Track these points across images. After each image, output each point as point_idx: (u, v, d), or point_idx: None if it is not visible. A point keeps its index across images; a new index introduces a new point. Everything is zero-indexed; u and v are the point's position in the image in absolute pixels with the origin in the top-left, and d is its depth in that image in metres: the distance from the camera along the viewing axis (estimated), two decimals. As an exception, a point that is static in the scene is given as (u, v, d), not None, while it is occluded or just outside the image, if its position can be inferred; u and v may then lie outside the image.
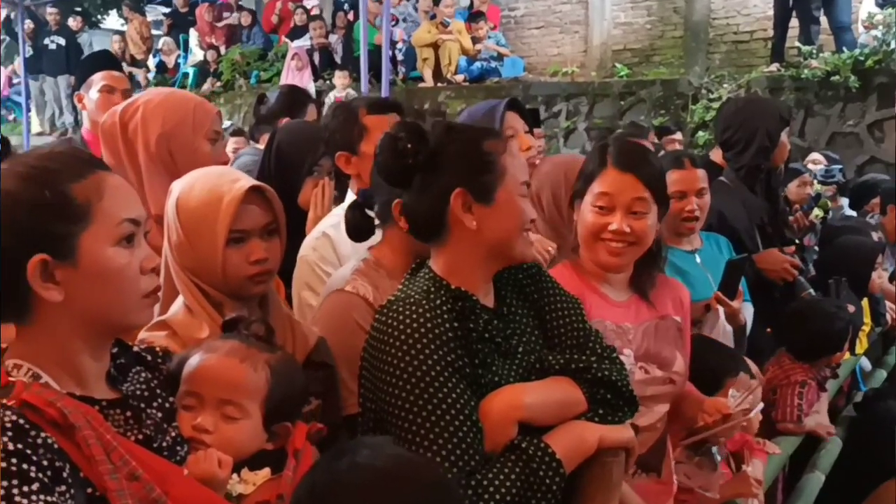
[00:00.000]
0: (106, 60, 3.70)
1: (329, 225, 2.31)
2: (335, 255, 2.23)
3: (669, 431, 2.17)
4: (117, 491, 1.12)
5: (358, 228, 1.96)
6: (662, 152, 4.05)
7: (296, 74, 10.47)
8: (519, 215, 1.63)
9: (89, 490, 1.13)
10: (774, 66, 8.61)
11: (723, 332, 2.85)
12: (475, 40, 10.23)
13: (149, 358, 1.39)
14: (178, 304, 1.67)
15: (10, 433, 1.08)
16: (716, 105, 7.81)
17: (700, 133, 8.23)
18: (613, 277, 2.10)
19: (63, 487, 1.09)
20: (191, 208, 1.65)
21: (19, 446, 1.08)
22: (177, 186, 1.73)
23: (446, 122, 1.70)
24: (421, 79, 10.59)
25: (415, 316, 1.54)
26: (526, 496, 1.51)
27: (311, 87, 10.16)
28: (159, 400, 1.34)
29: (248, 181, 1.68)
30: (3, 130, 12.62)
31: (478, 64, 10.07)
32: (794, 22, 8.65)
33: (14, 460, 1.06)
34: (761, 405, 2.16)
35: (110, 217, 1.20)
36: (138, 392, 1.31)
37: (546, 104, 9.20)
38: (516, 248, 1.64)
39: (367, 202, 1.96)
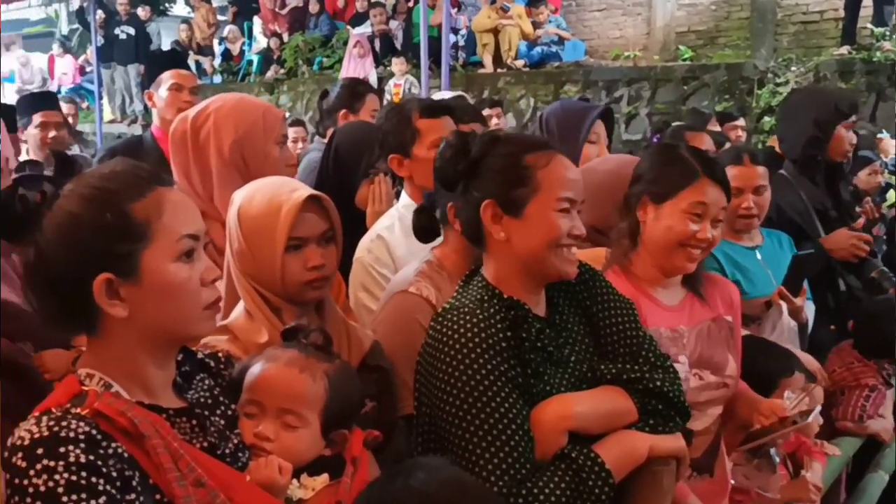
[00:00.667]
0: (174, 59, 3.85)
1: (384, 227, 2.37)
2: (390, 256, 2.28)
3: (723, 432, 2.18)
4: (184, 498, 1.18)
5: (424, 230, 2.00)
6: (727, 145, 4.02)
7: (357, 62, 10.54)
8: (550, 230, 1.63)
9: (157, 496, 1.19)
10: (845, 49, 8.36)
11: (787, 328, 2.82)
12: (535, 25, 10.16)
13: (212, 364, 1.45)
14: (239, 309, 1.75)
15: (82, 444, 1.14)
16: (782, 90, 7.64)
17: (766, 118, 8.04)
18: (668, 280, 2.11)
19: (132, 496, 1.16)
20: (251, 217, 1.72)
21: (91, 458, 1.14)
22: (238, 196, 1.80)
23: (493, 134, 1.74)
24: (480, 64, 10.58)
25: (469, 325, 1.58)
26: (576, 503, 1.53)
27: (373, 75, 10.24)
28: (222, 408, 1.40)
29: (306, 191, 1.75)
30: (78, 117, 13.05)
31: (538, 49, 10.01)
32: (866, 2, 8.38)
33: (84, 473, 1.13)
34: (819, 408, 2.14)
35: (170, 234, 1.25)
36: (202, 400, 1.38)
37: (607, 89, 9.12)
38: (549, 263, 1.65)
39: (432, 205, 2.01)
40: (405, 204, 2.44)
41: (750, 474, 2.22)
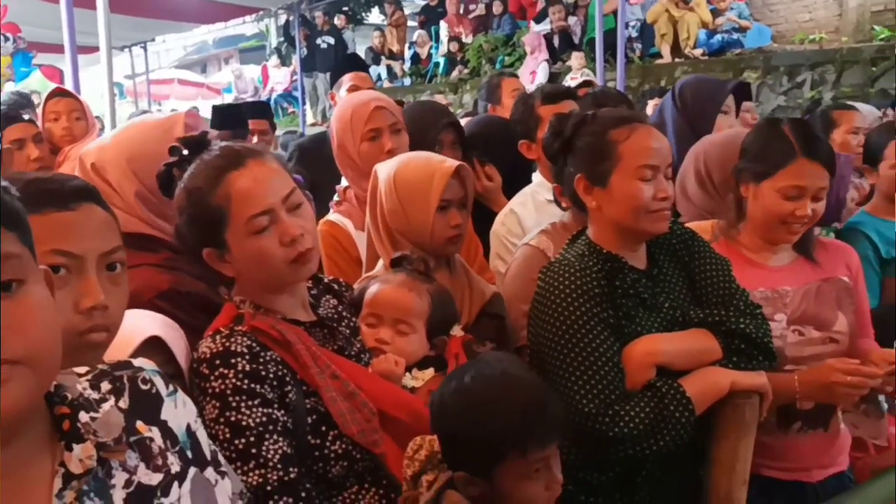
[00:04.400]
0: (354, 62, 4.29)
1: (518, 203, 2.68)
2: (521, 228, 2.59)
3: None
4: (325, 387, 1.51)
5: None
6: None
7: (530, 59, 10.95)
8: (634, 198, 1.84)
9: (305, 388, 1.51)
10: None
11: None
12: (716, 13, 9.98)
13: (335, 287, 1.82)
14: (381, 265, 2.12)
15: (247, 356, 1.46)
16: (985, 66, 7.07)
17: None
18: (777, 246, 2.21)
19: (289, 388, 1.48)
20: (408, 180, 2.07)
21: (254, 366, 1.45)
22: (388, 165, 2.15)
23: (584, 115, 1.96)
24: (660, 55, 10.54)
25: (569, 275, 1.85)
26: (658, 427, 1.75)
27: (542, 70, 10.48)
28: (346, 321, 1.74)
29: (454, 162, 2.10)
30: (283, 122, 14.26)
31: (718, 37, 9.83)
32: None
33: (247, 380, 1.44)
34: None
35: (241, 215, 1.50)
36: (330, 315, 1.71)
37: (788, 74, 8.80)
38: (640, 226, 1.86)
39: None
40: (537, 182, 2.74)
41: (858, 422, 2.25)
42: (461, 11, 13.53)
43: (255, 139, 4.44)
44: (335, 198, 2.65)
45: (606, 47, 7.62)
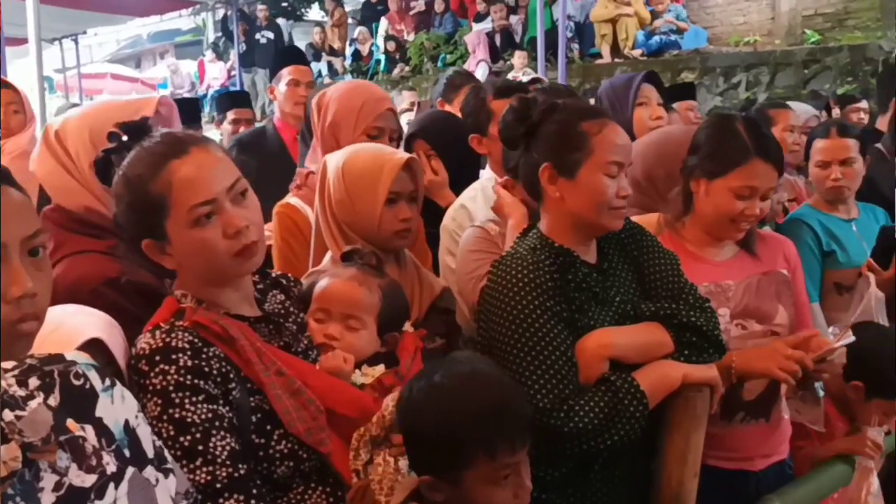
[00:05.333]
0: (294, 55, 4.18)
1: (468, 198, 2.63)
2: (471, 223, 2.54)
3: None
4: (270, 384, 1.46)
5: None
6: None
7: (471, 58, 11.00)
8: (599, 192, 1.82)
9: (249, 385, 1.47)
10: (984, 25, 7.93)
11: (874, 298, 2.89)
12: (655, 15, 10.14)
13: (283, 282, 1.77)
14: (328, 258, 2.07)
15: (189, 352, 1.42)
16: (910, 69, 7.33)
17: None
18: (718, 241, 2.24)
19: (233, 385, 1.44)
20: (357, 171, 2.03)
21: (195, 362, 1.41)
22: (336, 155, 2.11)
23: (552, 102, 1.92)
24: (599, 55, 10.66)
25: (521, 268, 1.83)
26: (612, 421, 1.75)
27: (481, 69, 10.54)
28: (293, 316, 1.69)
29: (404, 154, 2.08)
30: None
31: (657, 38, 9.99)
32: None
33: (189, 376, 1.40)
34: (853, 337, 2.12)
35: (182, 204, 1.45)
36: (277, 310, 1.66)
37: (724, 75, 9.00)
38: (600, 221, 1.86)
39: None
40: (488, 177, 2.70)
41: (800, 407, 2.28)
42: (402, 8, 13.47)
43: (241, 129, 4.35)
44: (294, 180, 2.60)
45: (547, 47, 7.68)
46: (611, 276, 1.94)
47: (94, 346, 1.36)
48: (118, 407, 1.00)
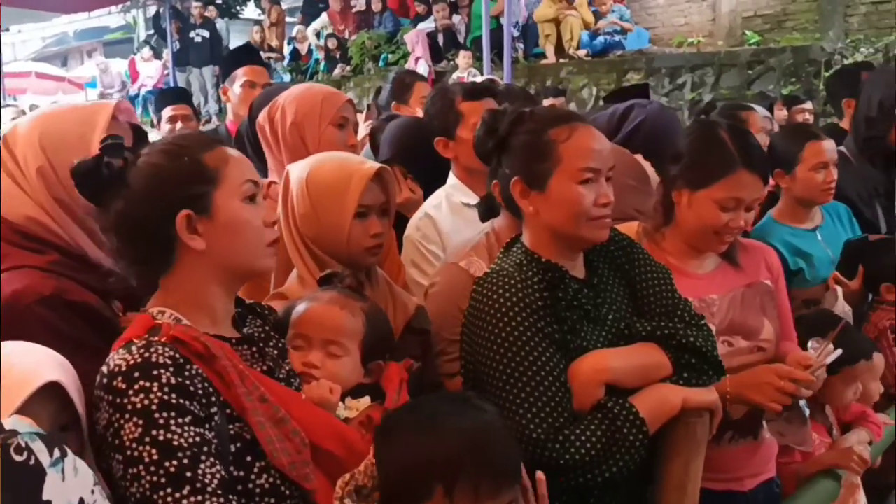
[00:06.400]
0: (248, 54, 3.97)
1: (432, 206, 2.49)
2: (437, 233, 2.40)
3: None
4: (252, 409, 1.34)
5: (488, 208, 2.12)
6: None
7: (413, 58, 10.88)
8: (573, 203, 1.70)
9: (228, 411, 1.34)
10: (917, 28, 8.13)
11: (842, 312, 2.84)
12: (598, 15, 10.15)
13: (258, 310, 1.61)
14: (293, 277, 1.90)
15: (171, 368, 1.28)
16: (851, 71, 7.45)
17: (833, 99, 7.88)
18: (700, 252, 2.15)
19: (214, 409, 1.31)
20: (322, 183, 1.87)
21: (179, 379, 1.28)
22: (300, 166, 1.95)
23: (518, 112, 1.80)
24: (543, 55, 10.62)
25: (508, 287, 1.69)
26: (610, 451, 1.63)
27: (421, 67, 10.44)
28: (273, 341, 1.56)
29: (374, 164, 1.91)
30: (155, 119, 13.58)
31: (601, 38, 10.00)
32: (941, -22, 8.13)
33: (174, 394, 1.27)
34: (839, 351, 2.07)
35: (235, 178, 1.43)
36: (257, 334, 1.53)
37: (670, 76, 9.05)
38: (580, 233, 1.73)
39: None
40: (452, 184, 2.55)
41: (784, 429, 2.23)
42: (344, 7, 13.23)
43: (178, 126, 4.09)
44: None
45: (491, 46, 7.59)
46: (602, 292, 1.83)
47: (48, 390, 1.22)
48: (70, 484, 0.82)
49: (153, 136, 4.32)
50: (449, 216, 2.46)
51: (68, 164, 1.41)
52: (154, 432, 1.25)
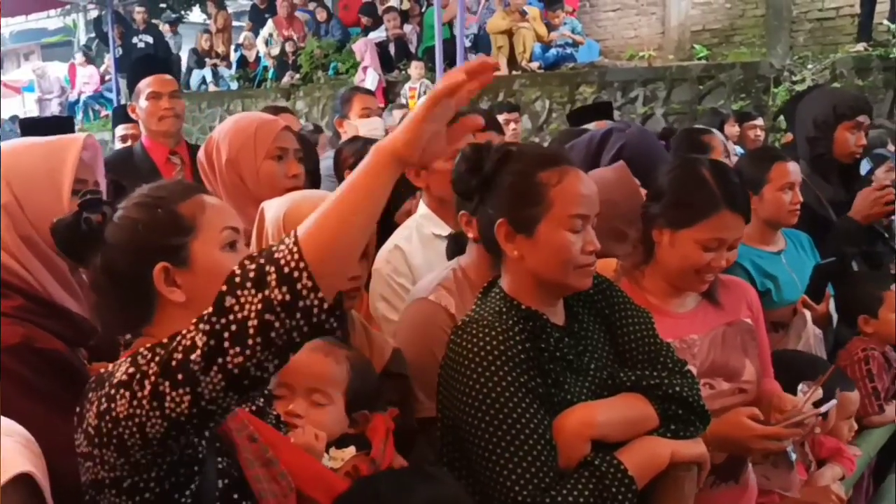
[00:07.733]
0: (151, 64, 3.66)
1: (402, 238, 2.37)
2: (407, 266, 2.30)
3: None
4: (242, 446, 1.33)
5: (458, 246, 2.03)
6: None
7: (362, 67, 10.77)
8: (562, 251, 1.64)
9: (217, 444, 1.31)
10: (861, 46, 8.29)
11: (812, 335, 2.82)
12: (551, 27, 10.15)
13: None
14: None
15: None
16: (799, 87, 7.59)
17: (783, 117, 8.00)
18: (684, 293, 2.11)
19: (205, 440, 1.27)
20: (301, 221, 1.75)
21: None
22: (274, 205, 1.86)
23: (506, 149, 1.73)
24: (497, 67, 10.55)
25: (488, 339, 1.61)
26: (599, 511, 1.55)
27: (371, 76, 10.34)
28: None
29: None
30: (96, 126, 13.18)
31: (553, 51, 9.99)
32: (882, -3, 8.33)
33: None
34: (834, 401, 2.08)
35: (213, 226, 1.39)
36: None
37: (622, 90, 9.09)
38: (566, 281, 1.67)
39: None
40: (423, 214, 2.44)
41: (769, 474, 2.20)
42: (290, 13, 13.00)
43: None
44: None
45: (444, 57, 7.53)
46: (583, 339, 1.76)
47: (19, 482, 1.16)
48: None
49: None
50: (420, 248, 2.35)
51: (36, 200, 1.42)
52: None
